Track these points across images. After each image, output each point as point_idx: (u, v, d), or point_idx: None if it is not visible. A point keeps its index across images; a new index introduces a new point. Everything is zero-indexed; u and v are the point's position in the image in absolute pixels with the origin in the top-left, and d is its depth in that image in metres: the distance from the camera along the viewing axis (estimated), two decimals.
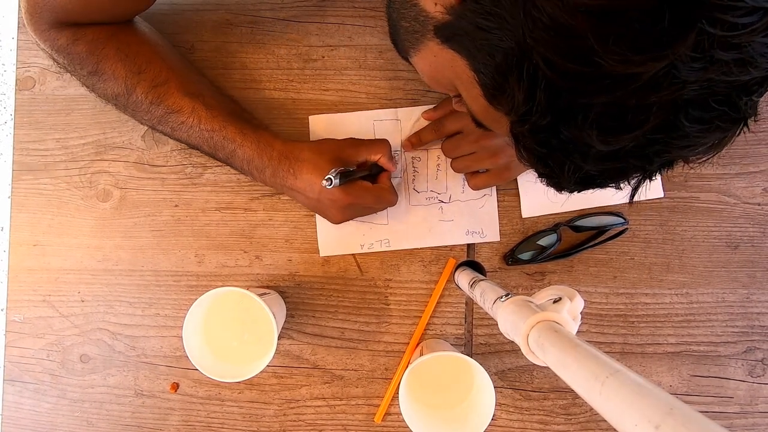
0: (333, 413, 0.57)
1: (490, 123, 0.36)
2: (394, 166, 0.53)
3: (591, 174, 0.30)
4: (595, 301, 0.57)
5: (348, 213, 0.52)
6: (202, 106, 0.50)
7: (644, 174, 0.31)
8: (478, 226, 0.57)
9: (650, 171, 0.30)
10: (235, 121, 0.50)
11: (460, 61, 0.32)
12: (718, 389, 0.57)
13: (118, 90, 0.49)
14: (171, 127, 0.50)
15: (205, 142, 0.50)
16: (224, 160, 0.52)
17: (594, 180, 0.31)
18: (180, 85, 0.50)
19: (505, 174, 0.53)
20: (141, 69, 0.49)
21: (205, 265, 0.58)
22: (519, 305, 0.34)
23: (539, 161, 0.31)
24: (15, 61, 0.59)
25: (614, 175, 0.31)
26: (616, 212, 0.57)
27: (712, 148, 0.29)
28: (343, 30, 0.57)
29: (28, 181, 0.58)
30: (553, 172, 0.31)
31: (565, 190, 0.33)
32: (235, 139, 0.50)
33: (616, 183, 0.32)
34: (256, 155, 0.50)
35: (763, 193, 0.57)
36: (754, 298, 0.57)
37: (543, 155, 0.30)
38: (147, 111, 0.50)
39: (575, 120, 0.27)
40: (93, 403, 0.58)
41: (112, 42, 0.48)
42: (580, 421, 0.56)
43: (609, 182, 0.31)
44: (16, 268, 0.58)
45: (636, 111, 0.25)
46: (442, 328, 0.57)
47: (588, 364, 0.24)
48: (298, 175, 0.50)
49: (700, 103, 0.25)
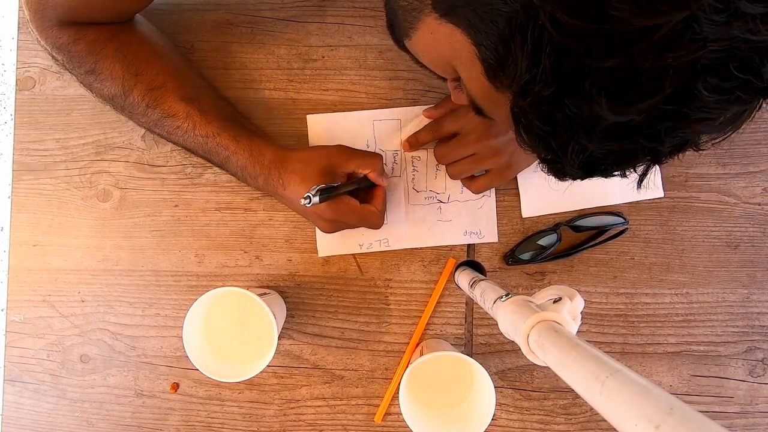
0: (333, 413, 0.57)
1: (490, 107, 0.35)
2: (384, 181, 0.53)
3: (596, 157, 0.28)
4: (595, 301, 0.57)
5: (335, 226, 0.52)
6: (197, 111, 0.50)
7: (653, 158, 0.28)
8: (476, 226, 0.57)
9: (660, 154, 0.28)
10: (230, 128, 0.50)
11: (460, 36, 0.31)
12: (719, 389, 0.57)
13: (115, 91, 0.49)
14: (167, 131, 0.51)
15: (199, 146, 0.51)
16: (219, 165, 0.52)
17: (599, 164, 0.29)
18: (176, 89, 0.49)
19: (506, 173, 0.53)
20: (139, 71, 0.49)
21: (205, 265, 0.58)
22: (519, 305, 0.34)
23: (541, 143, 0.29)
24: (15, 61, 0.59)
25: (621, 159, 0.28)
26: (616, 212, 0.57)
27: (729, 125, 0.26)
28: (343, 30, 0.57)
29: (28, 181, 0.58)
30: (556, 155, 0.29)
31: (568, 176, 0.31)
32: (228, 146, 0.50)
33: (622, 168, 0.29)
34: (248, 163, 0.50)
35: (763, 193, 0.57)
36: (754, 297, 0.57)
37: (546, 135, 0.28)
38: (143, 114, 0.50)
39: (582, 88, 0.25)
40: (93, 404, 0.58)
41: (111, 42, 0.48)
42: (581, 421, 0.56)
43: (615, 167, 0.29)
44: (16, 268, 0.58)
45: (650, 75, 0.23)
46: (442, 328, 0.57)
47: (588, 364, 0.24)
48: (287, 185, 0.50)
49: (720, 70, 0.23)
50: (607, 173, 0.30)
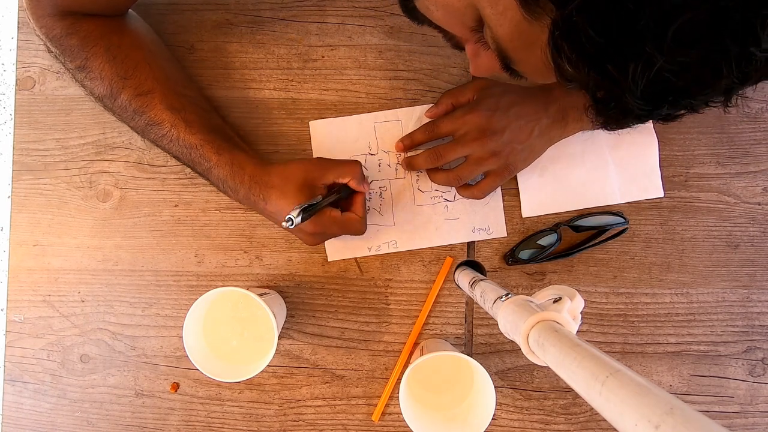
0: (333, 413, 0.57)
1: (521, 49, 0.30)
2: (366, 188, 0.52)
3: (665, 76, 0.22)
4: (595, 300, 0.57)
5: (319, 238, 0.52)
6: (182, 122, 0.49)
7: (742, 74, 0.22)
8: (485, 222, 0.57)
9: (752, 64, 0.21)
10: (214, 140, 0.50)
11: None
12: (718, 389, 0.57)
13: (104, 91, 0.49)
14: (152, 137, 0.51)
15: (183, 156, 0.51)
16: (202, 175, 0.52)
17: (669, 87, 0.23)
18: (163, 97, 0.49)
19: (504, 174, 0.53)
20: (127, 74, 0.49)
21: (205, 265, 0.58)
22: (519, 305, 0.34)
23: (593, 68, 0.24)
24: (15, 61, 0.59)
25: (699, 76, 0.22)
26: (616, 212, 0.57)
27: None
28: (343, 30, 0.57)
29: (28, 181, 0.58)
30: (612, 82, 0.24)
31: (628, 117, 0.26)
32: (210, 158, 0.50)
33: (699, 93, 0.23)
34: (229, 177, 0.50)
35: (763, 193, 0.57)
36: (754, 297, 0.57)
37: (599, 54, 0.23)
38: (131, 119, 0.50)
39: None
40: (93, 403, 0.58)
41: (103, 41, 0.48)
42: (580, 420, 0.56)
43: (690, 91, 0.23)
44: (16, 268, 0.58)
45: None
46: (442, 328, 0.57)
47: (588, 363, 0.24)
48: (267, 200, 0.50)
49: None
50: (677, 104, 0.24)
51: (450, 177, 0.54)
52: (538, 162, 0.55)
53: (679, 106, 0.25)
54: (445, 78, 0.58)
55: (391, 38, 0.57)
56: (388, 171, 0.58)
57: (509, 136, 0.51)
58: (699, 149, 0.58)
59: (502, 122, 0.51)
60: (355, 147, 0.57)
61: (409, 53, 0.57)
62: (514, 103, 0.51)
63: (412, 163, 0.56)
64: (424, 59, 0.57)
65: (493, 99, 0.52)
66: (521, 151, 0.52)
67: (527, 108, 0.51)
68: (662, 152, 0.57)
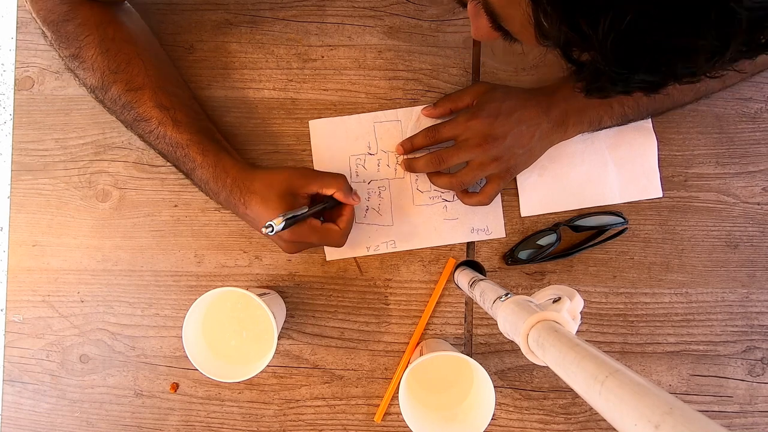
0: (333, 413, 0.57)
1: (507, 6, 0.29)
2: (355, 200, 0.51)
3: (637, 30, 0.21)
4: (594, 300, 0.57)
5: (297, 246, 0.51)
6: (170, 120, 0.50)
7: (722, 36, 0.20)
8: (483, 223, 0.57)
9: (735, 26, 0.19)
10: (200, 141, 0.50)
11: None
12: (718, 389, 0.57)
13: (95, 82, 0.49)
14: (140, 132, 0.51)
15: (169, 153, 0.51)
16: (185, 174, 0.52)
17: (643, 45, 0.21)
18: (153, 94, 0.50)
19: (506, 177, 0.53)
20: (119, 68, 0.49)
21: (204, 265, 0.58)
22: (519, 305, 0.34)
23: (567, 20, 0.23)
24: (14, 61, 0.59)
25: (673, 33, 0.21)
26: (616, 212, 0.57)
27: None
28: (342, 30, 0.57)
29: (27, 181, 0.58)
30: (584, 35, 0.23)
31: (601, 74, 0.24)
32: (195, 159, 0.50)
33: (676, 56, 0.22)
34: (211, 179, 0.50)
35: (762, 193, 0.57)
36: (753, 297, 0.57)
37: (573, 6, 0.22)
38: (121, 113, 0.50)
39: None
40: (93, 404, 0.58)
41: (98, 32, 0.48)
42: (580, 420, 0.56)
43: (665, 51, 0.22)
44: (15, 269, 0.58)
45: None
46: (442, 328, 0.57)
47: (587, 363, 0.24)
48: (248, 205, 0.49)
49: None
50: (655, 69, 0.22)
51: (453, 182, 0.54)
52: (538, 162, 0.55)
53: (657, 72, 0.23)
54: (445, 78, 0.58)
55: (390, 38, 0.57)
56: (387, 171, 0.58)
57: (511, 141, 0.51)
58: (698, 149, 0.58)
59: (504, 127, 0.51)
60: (354, 147, 0.57)
61: (408, 53, 0.57)
62: (515, 108, 0.51)
63: (413, 166, 0.56)
64: (423, 59, 0.57)
65: (494, 104, 0.52)
66: (522, 155, 0.52)
67: (529, 112, 0.51)
68: (661, 152, 0.57)
